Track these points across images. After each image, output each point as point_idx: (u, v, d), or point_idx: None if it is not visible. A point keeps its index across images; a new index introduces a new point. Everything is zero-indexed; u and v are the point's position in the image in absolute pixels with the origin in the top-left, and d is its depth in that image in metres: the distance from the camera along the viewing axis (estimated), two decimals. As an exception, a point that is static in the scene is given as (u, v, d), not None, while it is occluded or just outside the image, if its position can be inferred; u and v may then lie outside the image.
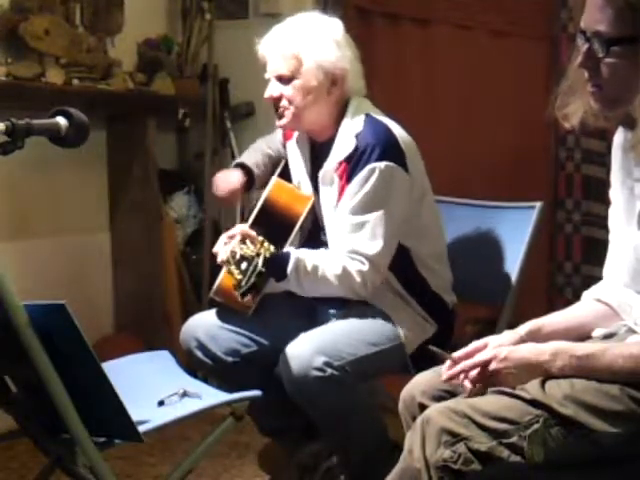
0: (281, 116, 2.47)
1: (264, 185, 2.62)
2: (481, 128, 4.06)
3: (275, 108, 2.47)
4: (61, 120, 1.77)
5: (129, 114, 3.70)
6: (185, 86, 3.89)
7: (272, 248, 2.25)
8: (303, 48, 2.40)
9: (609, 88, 1.67)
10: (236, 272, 2.22)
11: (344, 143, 2.40)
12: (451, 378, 1.76)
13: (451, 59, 4.02)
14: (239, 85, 3.95)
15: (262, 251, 2.21)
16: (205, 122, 3.85)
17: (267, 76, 2.47)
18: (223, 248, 2.35)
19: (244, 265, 2.21)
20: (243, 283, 2.20)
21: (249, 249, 2.23)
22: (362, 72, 2.49)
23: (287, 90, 2.43)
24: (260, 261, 2.20)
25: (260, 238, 2.28)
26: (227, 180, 2.64)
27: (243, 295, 2.24)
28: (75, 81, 3.37)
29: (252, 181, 2.64)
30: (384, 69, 3.74)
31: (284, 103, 2.44)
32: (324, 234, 2.52)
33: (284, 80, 2.43)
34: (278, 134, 2.70)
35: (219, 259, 2.37)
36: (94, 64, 3.46)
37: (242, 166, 2.66)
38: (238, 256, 2.23)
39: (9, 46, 3.24)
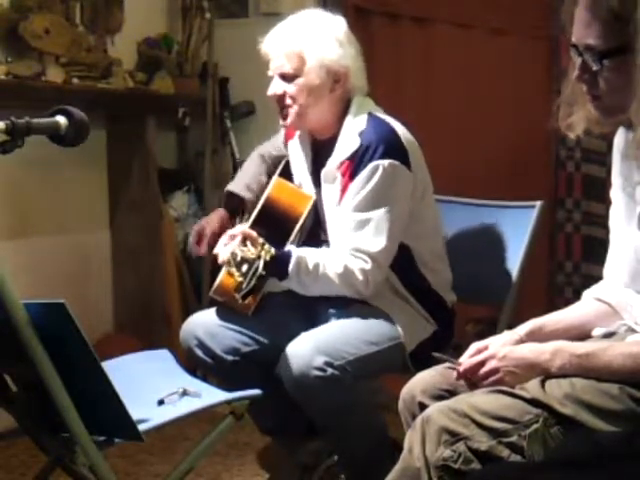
0: (285, 116, 2.47)
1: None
2: (481, 127, 4.05)
3: (280, 107, 2.47)
4: (61, 119, 1.77)
5: (129, 113, 3.70)
6: (185, 85, 3.89)
7: (272, 251, 2.25)
8: (306, 46, 2.40)
9: (607, 98, 1.69)
10: (237, 274, 2.22)
11: (348, 141, 2.40)
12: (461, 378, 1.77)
13: (451, 58, 4.02)
14: (239, 84, 3.95)
15: (263, 254, 2.21)
16: (205, 121, 3.85)
17: (270, 73, 2.47)
18: (224, 249, 2.35)
19: (245, 267, 2.21)
20: (244, 286, 2.20)
21: (250, 251, 2.23)
22: (365, 70, 2.49)
23: (290, 88, 2.43)
24: (261, 264, 2.19)
25: (261, 240, 2.27)
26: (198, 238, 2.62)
27: (244, 297, 2.24)
28: (75, 80, 3.37)
29: (239, 208, 2.65)
30: (383, 68, 3.73)
31: (288, 101, 2.44)
32: (324, 233, 2.52)
33: (287, 78, 2.43)
34: (281, 134, 2.70)
35: (220, 260, 2.37)
36: (94, 63, 3.46)
37: (231, 195, 2.67)
38: (239, 258, 2.23)
39: (9, 45, 3.24)
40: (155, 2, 3.96)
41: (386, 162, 2.35)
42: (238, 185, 2.70)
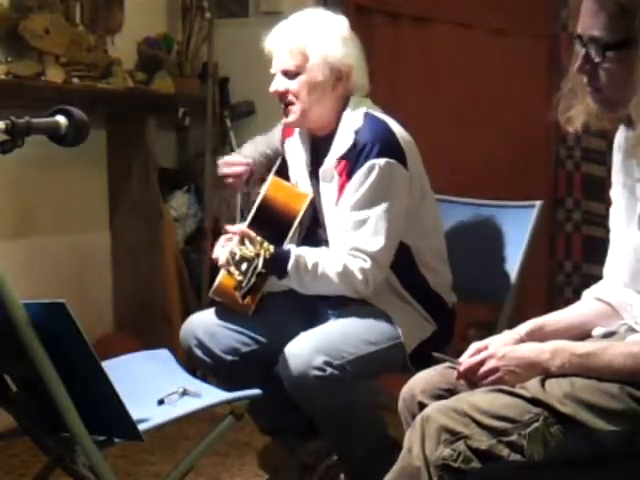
0: (288, 114, 2.47)
1: (262, 181, 2.62)
2: (481, 127, 4.06)
3: (284, 104, 2.47)
4: (61, 119, 1.77)
5: (129, 113, 3.70)
6: (185, 85, 3.89)
7: (272, 248, 2.25)
8: (310, 44, 2.40)
9: (608, 91, 1.68)
10: (236, 273, 2.22)
11: (343, 139, 2.41)
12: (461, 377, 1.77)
13: (451, 57, 4.02)
14: (239, 84, 3.95)
15: (262, 252, 2.21)
16: (205, 121, 3.85)
17: (273, 71, 2.47)
18: (222, 250, 2.35)
19: (244, 266, 2.21)
20: (244, 284, 2.20)
21: (248, 249, 2.23)
22: (366, 70, 2.49)
23: (292, 85, 2.43)
24: (260, 262, 2.20)
25: (259, 238, 2.27)
26: (231, 162, 2.64)
27: (244, 296, 2.24)
28: (75, 80, 3.37)
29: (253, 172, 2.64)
30: (384, 67, 3.73)
31: (290, 98, 2.44)
32: (323, 231, 2.52)
33: (290, 75, 2.43)
34: (277, 132, 2.69)
35: (220, 262, 2.36)
36: (94, 63, 3.46)
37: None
38: (238, 257, 2.23)
39: (9, 45, 3.24)
40: (155, 2, 3.96)
41: (382, 161, 2.35)
42: (245, 151, 2.68)
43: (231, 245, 2.30)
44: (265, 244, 2.24)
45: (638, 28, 1.61)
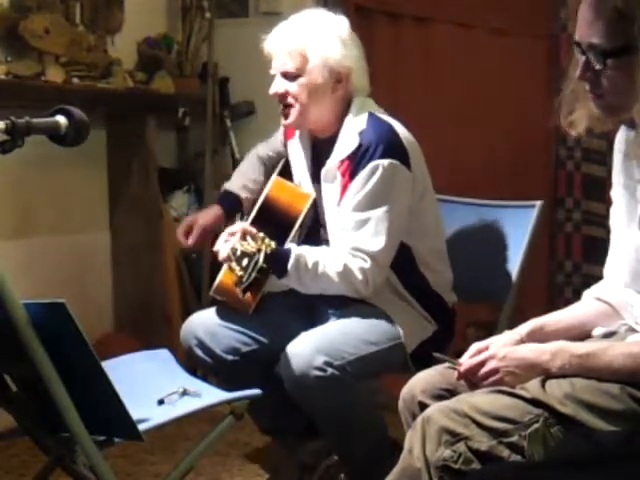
0: (287, 115, 2.47)
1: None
2: (481, 127, 4.05)
3: (282, 105, 2.47)
4: (61, 119, 1.76)
5: (129, 113, 3.70)
6: (185, 85, 3.89)
7: (273, 244, 2.25)
8: (309, 45, 2.40)
9: (610, 97, 1.68)
10: (237, 268, 2.22)
11: (347, 141, 2.41)
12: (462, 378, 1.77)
13: (451, 57, 4.02)
14: (239, 84, 3.95)
15: (263, 247, 2.21)
16: (205, 121, 3.85)
17: (272, 72, 2.47)
18: (224, 245, 2.35)
19: (245, 261, 2.21)
20: (244, 279, 2.21)
21: (250, 245, 2.23)
22: (367, 70, 2.49)
23: (292, 87, 2.43)
24: (261, 257, 2.20)
25: (261, 234, 2.28)
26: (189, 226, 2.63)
27: (244, 291, 2.25)
28: (75, 80, 3.37)
29: (235, 208, 2.64)
30: (384, 67, 3.73)
31: (290, 100, 2.44)
32: (324, 231, 2.52)
33: (289, 77, 2.43)
34: (279, 134, 2.70)
35: (220, 257, 2.37)
36: (94, 63, 3.46)
37: (228, 193, 2.67)
38: (239, 252, 2.23)
39: (9, 44, 3.24)
40: (155, 2, 3.96)
41: (386, 162, 2.35)
42: (235, 184, 2.70)
43: (233, 241, 2.30)
44: (267, 240, 2.25)
45: (637, 34, 1.60)
